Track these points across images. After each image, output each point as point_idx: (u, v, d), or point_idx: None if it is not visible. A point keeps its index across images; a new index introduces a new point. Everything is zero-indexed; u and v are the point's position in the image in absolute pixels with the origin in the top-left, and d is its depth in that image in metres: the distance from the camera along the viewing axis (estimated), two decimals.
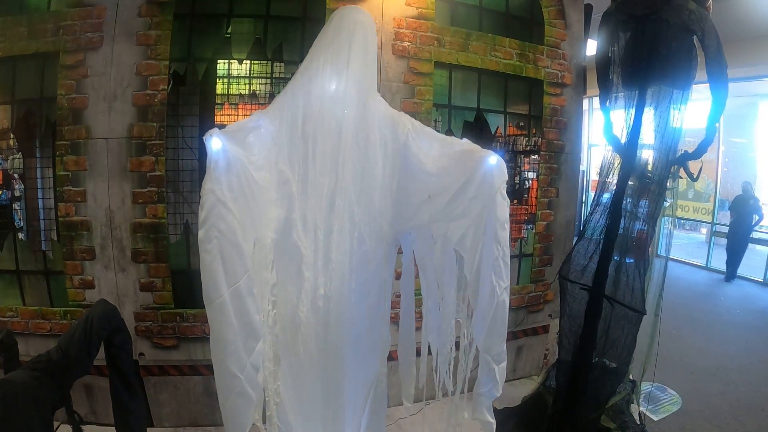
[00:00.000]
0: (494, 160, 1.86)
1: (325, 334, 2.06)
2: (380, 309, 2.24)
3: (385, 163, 2.07)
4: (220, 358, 1.68)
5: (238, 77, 3.41)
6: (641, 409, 3.27)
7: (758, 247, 8.78)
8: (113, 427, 2.60)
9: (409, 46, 3.41)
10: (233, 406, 1.73)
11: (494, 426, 2.09)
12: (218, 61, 3.34)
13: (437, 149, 2.05)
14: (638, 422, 3.12)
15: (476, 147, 1.98)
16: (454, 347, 2.17)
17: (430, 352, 2.29)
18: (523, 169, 4.85)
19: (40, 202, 3.27)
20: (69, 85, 3.00)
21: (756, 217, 8.48)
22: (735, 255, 8.49)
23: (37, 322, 3.14)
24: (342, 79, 1.97)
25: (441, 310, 2.19)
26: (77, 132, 3.02)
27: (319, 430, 2.18)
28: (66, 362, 2.21)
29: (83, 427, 2.62)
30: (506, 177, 1.90)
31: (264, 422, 2.01)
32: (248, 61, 3.37)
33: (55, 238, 3.23)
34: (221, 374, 1.70)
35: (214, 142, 1.58)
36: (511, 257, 3.98)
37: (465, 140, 2.06)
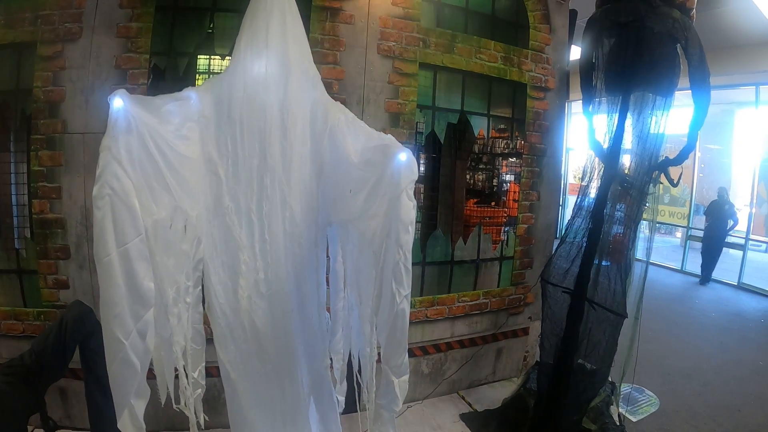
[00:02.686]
0: (404, 156, 1.83)
1: (272, 319, 2.08)
2: (315, 297, 2.27)
3: (313, 140, 2.11)
4: (105, 320, 1.66)
5: (220, 73, 3.34)
6: (620, 410, 3.31)
7: (732, 251, 9.00)
8: None
9: (394, 46, 3.39)
10: (117, 373, 1.72)
11: None
12: (200, 56, 3.28)
13: (362, 142, 2.07)
14: (618, 423, 3.16)
15: (394, 142, 1.96)
16: (375, 352, 2.09)
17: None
18: (503, 171, 4.86)
19: (14, 198, 3.18)
20: (46, 77, 2.90)
21: (731, 222, 8.69)
22: (710, 259, 8.69)
23: (9, 323, 3.03)
24: (262, 60, 2.00)
25: (359, 312, 2.17)
26: (53, 126, 2.92)
27: (277, 421, 2.19)
28: (40, 366, 2.15)
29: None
30: (415, 176, 1.87)
31: (183, 404, 2.08)
32: (230, 57, 3.30)
33: (29, 236, 3.14)
34: (107, 338, 1.68)
35: (116, 102, 1.62)
36: (492, 260, 4.07)
37: (389, 135, 2.06)
